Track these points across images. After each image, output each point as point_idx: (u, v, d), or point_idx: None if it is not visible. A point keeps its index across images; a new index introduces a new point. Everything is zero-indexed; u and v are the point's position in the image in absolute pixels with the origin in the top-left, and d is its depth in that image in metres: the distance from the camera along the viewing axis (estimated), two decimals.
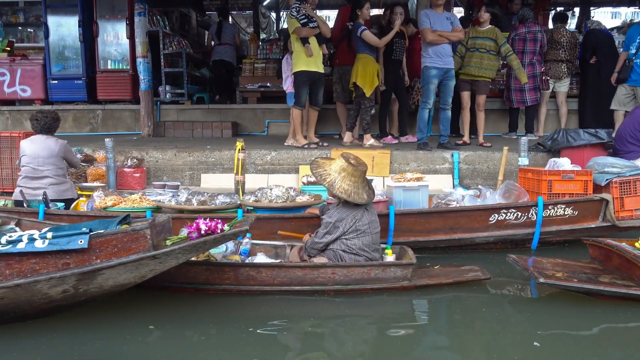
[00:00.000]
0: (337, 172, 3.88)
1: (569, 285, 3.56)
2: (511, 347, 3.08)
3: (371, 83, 6.95)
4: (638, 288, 3.50)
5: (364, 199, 3.86)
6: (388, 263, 3.77)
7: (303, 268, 3.67)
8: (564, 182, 4.77)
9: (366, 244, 3.84)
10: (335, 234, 3.84)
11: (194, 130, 8.73)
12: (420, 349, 3.12)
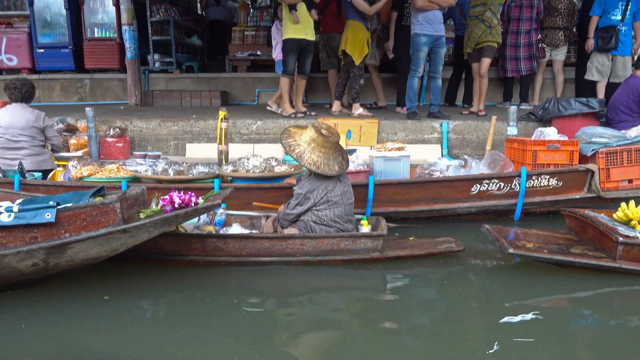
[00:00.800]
0: (307, 143, 3.77)
1: (539, 256, 3.50)
2: (476, 318, 3.05)
3: (361, 51, 6.76)
4: (608, 259, 3.44)
5: (334, 171, 3.76)
6: (358, 234, 3.69)
7: (271, 239, 3.60)
8: (549, 152, 4.65)
9: (338, 215, 3.76)
10: (306, 205, 3.76)
11: (182, 100, 8.59)
12: (387, 320, 3.05)
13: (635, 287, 3.35)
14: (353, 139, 6.37)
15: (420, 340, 2.80)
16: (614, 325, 3.02)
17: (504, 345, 2.68)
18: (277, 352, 2.64)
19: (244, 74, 9.13)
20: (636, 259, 3.38)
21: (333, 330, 2.94)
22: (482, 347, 2.66)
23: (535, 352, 2.64)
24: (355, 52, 6.74)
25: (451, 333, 2.84)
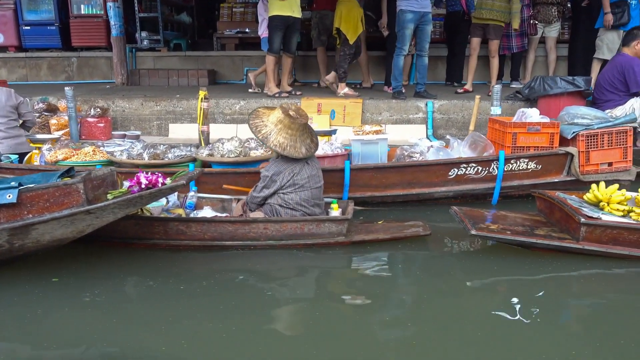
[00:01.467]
0: (274, 124, 3.71)
1: (500, 237, 3.48)
2: (434, 300, 3.06)
3: (355, 28, 6.62)
4: (571, 240, 3.41)
5: (301, 153, 3.70)
6: (322, 218, 3.65)
7: (234, 223, 3.57)
8: (530, 135, 4.56)
9: (304, 198, 3.72)
10: (273, 187, 3.71)
11: (169, 79, 8.50)
12: (348, 303, 3.05)
13: (598, 270, 3.33)
14: (337, 119, 6.29)
15: (380, 323, 2.78)
16: (571, 306, 3.04)
17: (459, 326, 2.71)
18: (236, 336, 2.62)
19: (232, 52, 9.00)
20: (599, 240, 3.34)
21: (295, 315, 2.93)
22: (436, 328, 2.70)
23: (490, 333, 2.66)
24: (350, 30, 6.61)
25: (411, 316, 2.87)
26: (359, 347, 2.52)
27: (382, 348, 2.55)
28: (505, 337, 2.63)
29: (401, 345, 2.57)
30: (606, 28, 6.81)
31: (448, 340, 2.60)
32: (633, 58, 5.30)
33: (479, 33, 7.01)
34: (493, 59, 7.11)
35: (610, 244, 3.35)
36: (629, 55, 5.34)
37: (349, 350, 2.50)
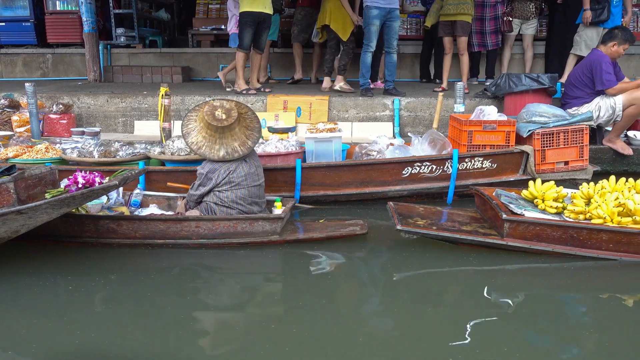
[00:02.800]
0: (197, 122, 3.64)
1: (425, 232, 3.47)
2: (352, 300, 3.04)
3: (345, 26, 6.54)
4: (495, 237, 3.40)
5: (217, 156, 3.61)
6: (255, 217, 3.58)
7: (165, 221, 3.50)
8: (485, 133, 4.48)
9: (240, 197, 3.64)
10: (208, 185, 3.65)
11: (143, 76, 8.41)
12: (272, 305, 2.99)
13: (522, 265, 3.35)
14: (303, 117, 6.21)
15: (306, 322, 2.72)
16: (492, 300, 3.00)
17: (377, 323, 2.72)
18: (159, 337, 2.56)
19: (208, 49, 8.91)
20: (523, 236, 3.34)
21: (222, 314, 2.86)
22: (355, 326, 2.68)
23: (406, 327, 2.68)
24: (340, 29, 6.53)
25: (340, 313, 2.83)
26: (284, 347, 2.47)
27: (308, 347, 2.49)
28: (422, 330, 2.64)
29: (320, 343, 2.51)
30: (585, 24, 6.72)
31: (365, 336, 2.56)
32: (604, 55, 5.17)
33: (448, 31, 6.93)
34: (462, 56, 7.03)
35: (533, 240, 3.34)
36: (601, 52, 5.22)
37: (274, 351, 2.44)
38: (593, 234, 3.26)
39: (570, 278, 3.21)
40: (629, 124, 5.30)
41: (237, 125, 3.70)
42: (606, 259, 3.31)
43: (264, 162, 4.45)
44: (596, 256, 3.31)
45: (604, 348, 2.51)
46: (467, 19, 6.83)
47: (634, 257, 3.29)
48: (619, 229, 3.24)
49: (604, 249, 3.28)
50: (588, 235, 3.26)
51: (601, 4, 6.63)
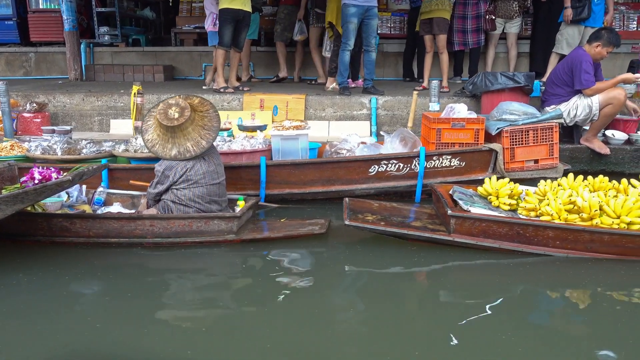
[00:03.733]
0: (152, 120, 3.59)
1: (373, 227, 3.46)
2: (306, 298, 2.96)
3: None
4: (444, 233, 3.39)
5: (169, 155, 3.54)
6: (211, 215, 3.51)
7: (119, 220, 3.43)
8: (454, 131, 4.41)
9: (199, 195, 3.57)
10: (166, 183, 3.58)
11: (124, 74, 8.35)
12: (223, 305, 2.93)
13: (469, 261, 3.32)
14: (280, 115, 6.13)
15: (258, 322, 2.67)
16: (439, 296, 3.00)
17: (325, 321, 2.69)
18: (115, 337, 2.49)
19: (190, 47, 8.86)
20: (470, 232, 3.32)
21: (174, 314, 2.80)
22: (310, 324, 2.65)
23: (355, 322, 2.67)
24: (340, 25, 6.43)
25: (289, 312, 2.77)
26: (236, 346, 2.42)
27: (256, 346, 2.43)
28: (369, 328, 2.60)
29: (270, 341, 2.46)
30: (566, 23, 6.65)
31: (312, 335, 2.52)
32: (586, 55, 5.07)
33: (428, 29, 6.86)
34: (442, 55, 6.94)
35: (480, 237, 3.31)
36: (584, 51, 5.13)
37: (227, 351, 2.39)
38: (539, 231, 3.22)
39: (517, 275, 3.17)
40: (605, 123, 5.22)
41: (190, 124, 3.58)
42: (554, 255, 3.28)
43: (229, 159, 4.40)
44: (543, 253, 3.27)
45: (550, 343, 2.45)
46: (444, 15, 6.71)
47: (582, 254, 3.26)
48: (564, 226, 3.20)
49: (551, 245, 3.25)
50: (534, 232, 3.22)
51: (582, 2, 6.56)
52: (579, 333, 2.60)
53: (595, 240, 3.18)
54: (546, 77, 6.30)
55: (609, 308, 2.82)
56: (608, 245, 3.19)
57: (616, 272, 3.14)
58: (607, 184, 3.53)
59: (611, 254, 3.22)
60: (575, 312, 2.83)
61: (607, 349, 2.39)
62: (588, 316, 2.79)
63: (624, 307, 2.84)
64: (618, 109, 5.00)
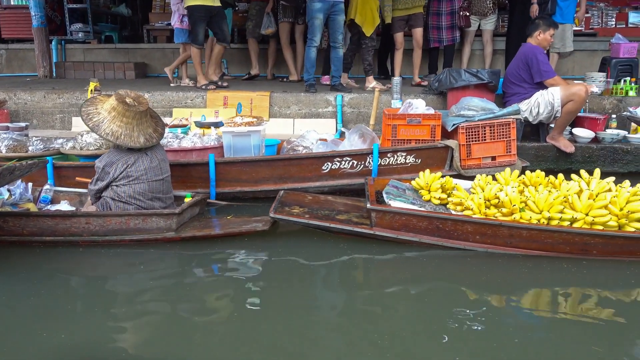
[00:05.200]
0: (107, 112, 3.45)
1: (296, 220, 3.44)
2: (240, 296, 2.89)
3: (372, 21, 6.30)
4: (366, 226, 3.35)
5: (139, 143, 3.44)
6: (148, 212, 3.39)
7: (54, 217, 3.33)
8: (410, 127, 4.30)
9: (140, 191, 3.46)
10: (106, 180, 3.47)
11: (95, 72, 8.21)
12: (153, 302, 2.83)
13: (391, 255, 3.30)
14: (244, 113, 6.01)
15: (191, 319, 2.61)
16: (357, 294, 2.94)
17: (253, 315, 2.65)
18: (46, 340, 2.39)
19: (163, 44, 8.73)
20: (391, 226, 3.28)
21: (107, 314, 2.68)
22: (239, 320, 2.60)
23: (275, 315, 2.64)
24: (365, 23, 6.28)
25: (217, 309, 2.75)
26: (172, 346, 2.35)
27: (189, 343, 2.37)
28: (287, 325, 2.56)
29: (201, 339, 2.39)
30: (532, 18, 6.55)
31: (242, 329, 2.48)
32: (536, 46, 5.03)
33: (402, 26, 6.76)
34: (419, 50, 6.84)
35: (401, 230, 3.27)
36: (532, 44, 5.07)
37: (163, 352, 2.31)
38: (458, 225, 3.18)
39: (437, 269, 3.13)
40: (569, 120, 5.10)
41: (148, 111, 3.61)
42: (474, 250, 3.24)
43: (179, 156, 4.28)
44: (463, 247, 3.23)
45: (466, 339, 2.40)
46: (421, 10, 6.70)
47: (503, 250, 3.20)
48: (482, 220, 3.15)
49: (471, 240, 3.20)
50: (453, 226, 3.18)
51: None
52: (486, 328, 2.52)
53: (515, 236, 3.12)
54: None
55: (519, 305, 2.77)
56: (527, 241, 3.13)
57: (536, 268, 3.07)
58: (542, 179, 3.46)
59: (532, 249, 3.16)
60: (485, 308, 2.74)
61: (517, 343, 2.36)
62: (495, 312, 2.72)
63: (532, 305, 2.80)
64: (579, 105, 4.89)
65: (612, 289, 2.90)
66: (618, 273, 3.03)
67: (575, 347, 2.33)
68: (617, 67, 6.06)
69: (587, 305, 2.79)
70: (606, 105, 5.84)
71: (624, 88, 5.84)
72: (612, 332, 2.47)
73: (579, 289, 2.92)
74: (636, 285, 2.94)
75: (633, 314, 2.65)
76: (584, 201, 3.13)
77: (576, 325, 2.54)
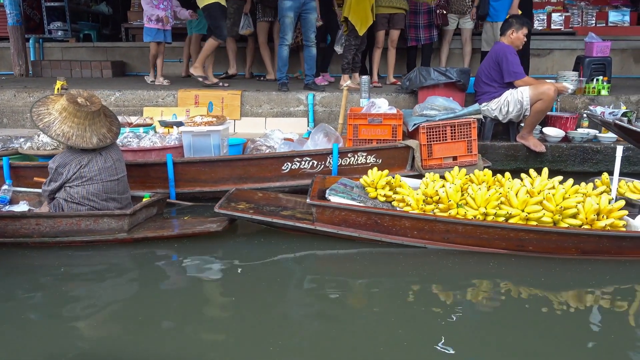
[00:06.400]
0: (58, 112, 3.40)
1: (240, 215, 3.42)
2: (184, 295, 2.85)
3: (365, 19, 6.20)
4: (307, 221, 3.36)
5: (91, 144, 3.39)
6: (99, 214, 3.34)
7: (2, 218, 3.27)
8: (372, 127, 4.26)
9: (93, 192, 3.41)
10: (59, 181, 3.42)
11: (72, 70, 8.15)
12: (99, 304, 2.76)
13: (332, 250, 3.31)
14: (215, 112, 5.96)
15: (141, 322, 2.55)
16: (299, 289, 2.92)
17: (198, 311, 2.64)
18: None
19: (142, 43, 8.60)
20: (331, 221, 3.28)
21: (51, 317, 2.64)
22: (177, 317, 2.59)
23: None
24: (358, 21, 6.20)
25: (170, 309, 2.60)
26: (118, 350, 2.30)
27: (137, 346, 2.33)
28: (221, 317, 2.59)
29: (148, 339, 2.36)
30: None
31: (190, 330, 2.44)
32: (508, 46, 4.98)
33: (384, 24, 6.71)
34: (394, 49, 6.81)
35: (342, 226, 3.27)
36: (504, 44, 5.03)
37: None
38: (396, 221, 3.17)
39: (375, 264, 3.13)
40: (538, 119, 5.07)
41: (102, 111, 3.56)
42: (414, 246, 3.23)
43: (138, 156, 4.23)
44: (402, 243, 3.23)
45: (406, 334, 2.38)
46: (402, 12, 6.69)
47: (441, 245, 3.20)
48: (418, 215, 3.15)
49: (409, 235, 3.19)
50: (391, 221, 3.17)
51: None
52: (417, 323, 2.50)
53: (451, 231, 3.11)
54: None
55: (458, 300, 2.74)
56: (464, 236, 3.12)
57: (467, 264, 3.06)
58: (489, 177, 3.44)
59: (469, 245, 3.15)
60: (423, 302, 2.74)
61: (454, 337, 2.35)
62: (428, 307, 2.68)
63: (471, 298, 2.77)
64: (548, 104, 4.86)
65: (540, 286, 2.87)
66: (548, 270, 3.01)
67: (508, 339, 2.34)
68: (591, 66, 6.02)
69: (513, 301, 2.76)
70: (578, 105, 5.80)
71: (596, 87, 5.81)
72: (544, 326, 2.46)
73: (505, 283, 2.91)
74: (567, 281, 2.92)
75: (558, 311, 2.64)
76: (521, 197, 3.13)
77: (505, 318, 2.55)
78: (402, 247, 3.25)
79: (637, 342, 2.39)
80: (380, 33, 6.78)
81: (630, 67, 8.08)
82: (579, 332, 2.43)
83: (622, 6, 8.50)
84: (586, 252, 3.08)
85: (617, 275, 2.96)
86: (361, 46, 6.55)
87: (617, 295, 2.81)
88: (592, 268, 3.02)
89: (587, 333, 2.44)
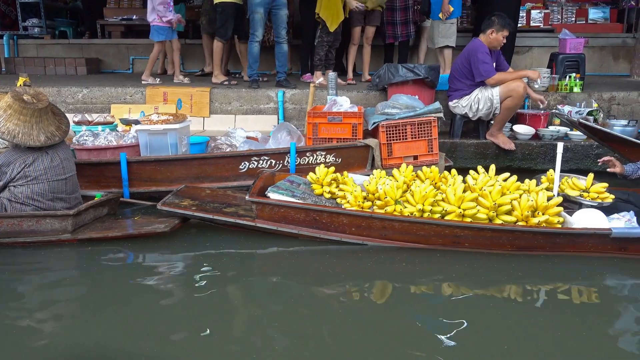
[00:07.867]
0: (3, 110, 3.31)
1: (181, 212, 3.41)
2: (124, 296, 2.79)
3: (336, 16, 6.13)
4: (248, 218, 3.31)
5: (39, 142, 3.31)
6: (42, 214, 3.26)
7: None
8: (331, 125, 4.17)
9: (38, 192, 3.32)
10: (3, 180, 3.33)
11: (46, 67, 8.04)
12: (38, 306, 2.69)
13: (274, 248, 3.27)
14: (184, 109, 5.87)
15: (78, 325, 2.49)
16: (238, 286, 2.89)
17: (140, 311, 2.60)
18: None
19: (118, 40, 8.55)
20: (271, 218, 3.24)
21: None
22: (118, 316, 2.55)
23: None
24: (329, 18, 6.12)
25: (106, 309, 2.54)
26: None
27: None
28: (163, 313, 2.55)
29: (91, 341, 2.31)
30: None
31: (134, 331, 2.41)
32: (482, 45, 4.84)
33: (361, 21, 6.64)
34: (369, 46, 6.74)
35: (282, 222, 3.23)
36: (480, 42, 4.90)
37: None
38: (333, 217, 3.13)
39: (314, 261, 3.08)
40: (508, 116, 5.00)
41: (49, 108, 3.47)
42: (354, 243, 3.18)
43: (92, 155, 4.14)
44: (340, 239, 3.19)
45: (347, 332, 2.35)
46: (380, 9, 6.65)
47: (379, 242, 3.16)
48: (355, 212, 3.10)
49: (348, 232, 3.16)
50: (329, 218, 3.13)
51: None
52: (353, 319, 2.46)
53: (388, 228, 3.08)
54: None
55: (394, 297, 2.72)
56: (401, 233, 3.08)
57: (405, 261, 3.01)
58: (435, 174, 3.40)
59: (406, 241, 3.11)
60: (358, 298, 2.71)
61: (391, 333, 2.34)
62: (362, 304, 2.66)
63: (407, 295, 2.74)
64: (518, 101, 4.78)
65: (477, 282, 2.85)
66: (484, 265, 2.98)
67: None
68: (564, 63, 5.95)
69: (447, 297, 2.72)
70: (551, 102, 5.73)
71: (568, 84, 5.74)
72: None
73: (441, 278, 2.88)
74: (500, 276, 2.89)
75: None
76: (457, 194, 3.08)
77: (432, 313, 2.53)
78: (343, 244, 3.22)
79: (568, 332, 2.38)
80: (356, 29, 6.71)
81: (610, 65, 8.01)
82: (513, 324, 2.42)
83: (602, 3, 8.42)
84: (521, 248, 3.05)
85: (551, 270, 2.95)
86: (334, 43, 6.45)
87: (549, 288, 2.81)
88: (528, 263, 3.00)
89: (521, 326, 2.42)
